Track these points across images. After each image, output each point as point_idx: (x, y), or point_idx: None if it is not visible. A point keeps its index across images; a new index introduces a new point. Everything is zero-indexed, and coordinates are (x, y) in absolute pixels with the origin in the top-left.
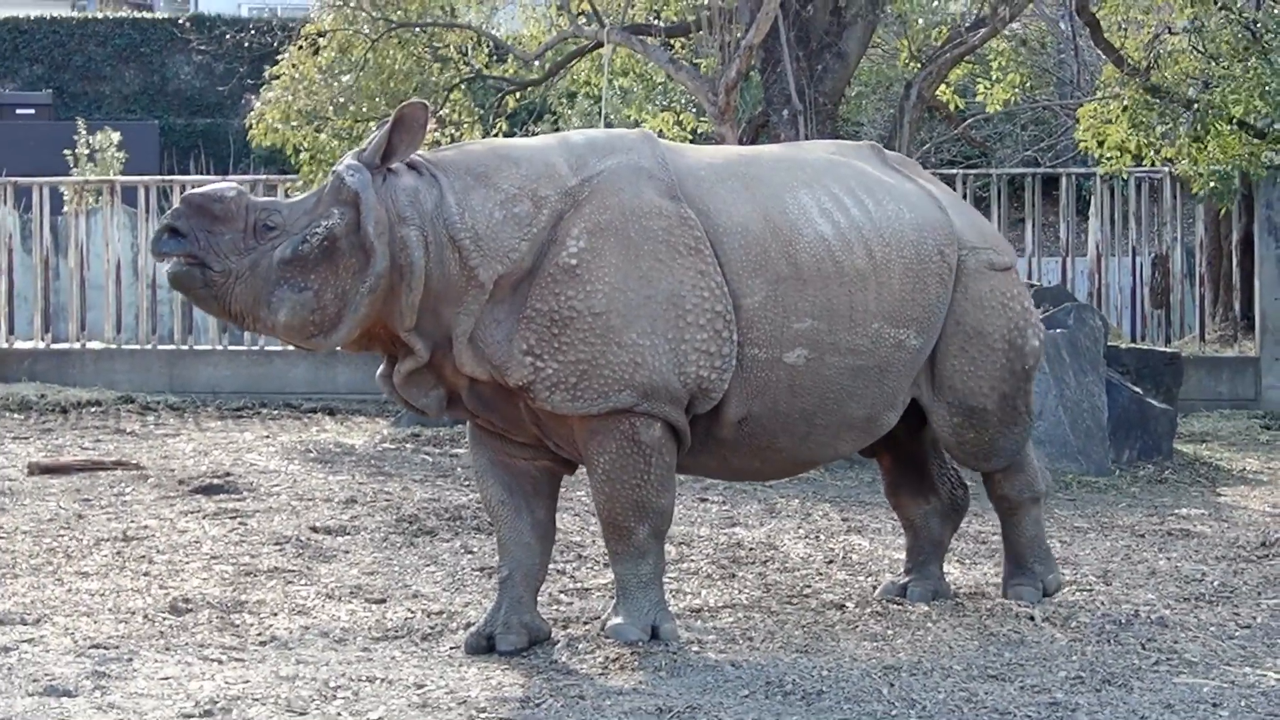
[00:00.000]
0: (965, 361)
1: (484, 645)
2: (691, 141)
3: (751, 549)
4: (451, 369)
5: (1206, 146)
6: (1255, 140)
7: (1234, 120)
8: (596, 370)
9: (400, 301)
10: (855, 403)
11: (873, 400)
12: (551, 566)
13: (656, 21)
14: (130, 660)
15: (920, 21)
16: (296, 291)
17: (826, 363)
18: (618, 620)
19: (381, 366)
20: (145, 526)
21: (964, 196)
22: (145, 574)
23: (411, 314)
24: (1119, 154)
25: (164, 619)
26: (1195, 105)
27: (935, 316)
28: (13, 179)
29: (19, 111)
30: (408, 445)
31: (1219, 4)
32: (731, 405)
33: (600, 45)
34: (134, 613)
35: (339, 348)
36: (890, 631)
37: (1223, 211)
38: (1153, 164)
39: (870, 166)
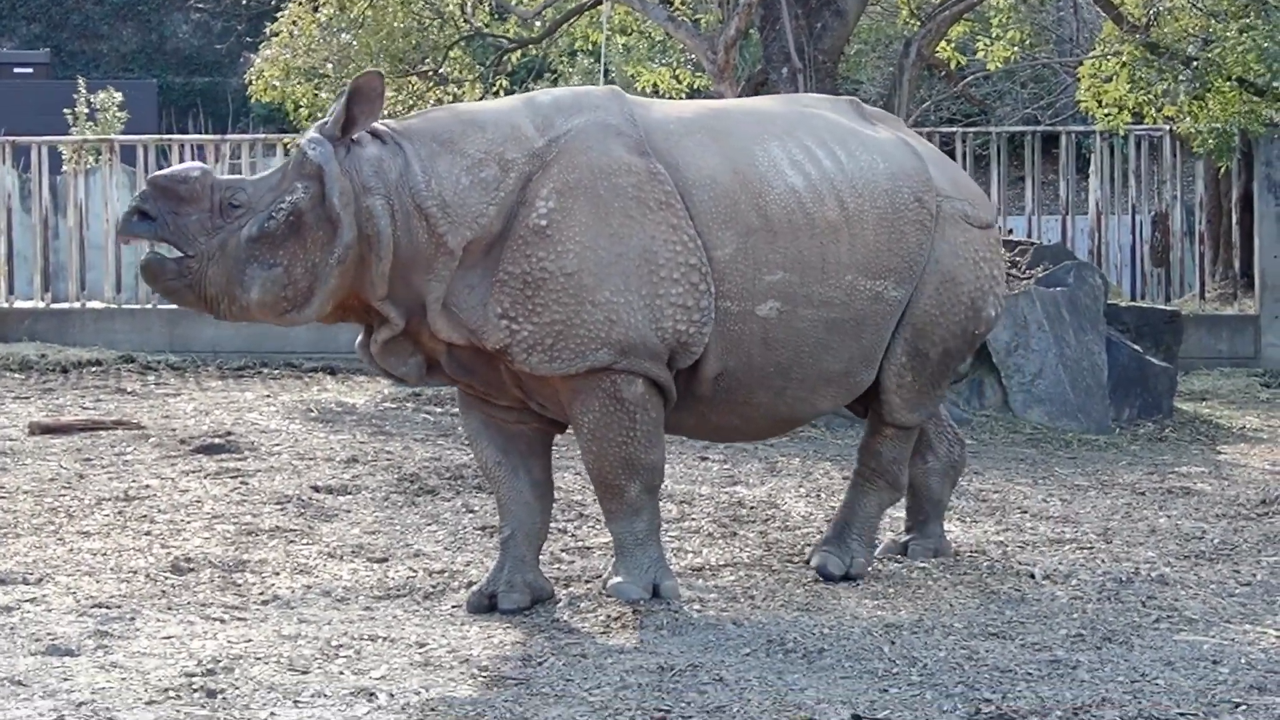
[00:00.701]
0: (934, 305)
1: (486, 604)
2: (690, 98)
3: (753, 507)
4: (428, 336)
5: (1206, 104)
6: (1255, 98)
7: (1233, 78)
8: (572, 330)
9: (371, 271)
10: (831, 357)
11: (849, 354)
12: (553, 525)
13: None
14: (133, 620)
15: None
16: (266, 269)
17: (799, 315)
18: (618, 579)
19: (360, 336)
20: (146, 486)
21: (963, 155)
22: (147, 533)
23: (383, 283)
24: (1118, 111)
25: (166, 578)
26: (1195, 63)
27: (915, 266)
28: (11, 138)
29: (16, 70)
30: (409, 404)
31: None
32: (709, 360)
33: (599, 3)
34: (136, 572)
35: (316, 321)
36: (891, 590)
37: (1222, 169)
38: (1153, 122)
39: (846, 119)
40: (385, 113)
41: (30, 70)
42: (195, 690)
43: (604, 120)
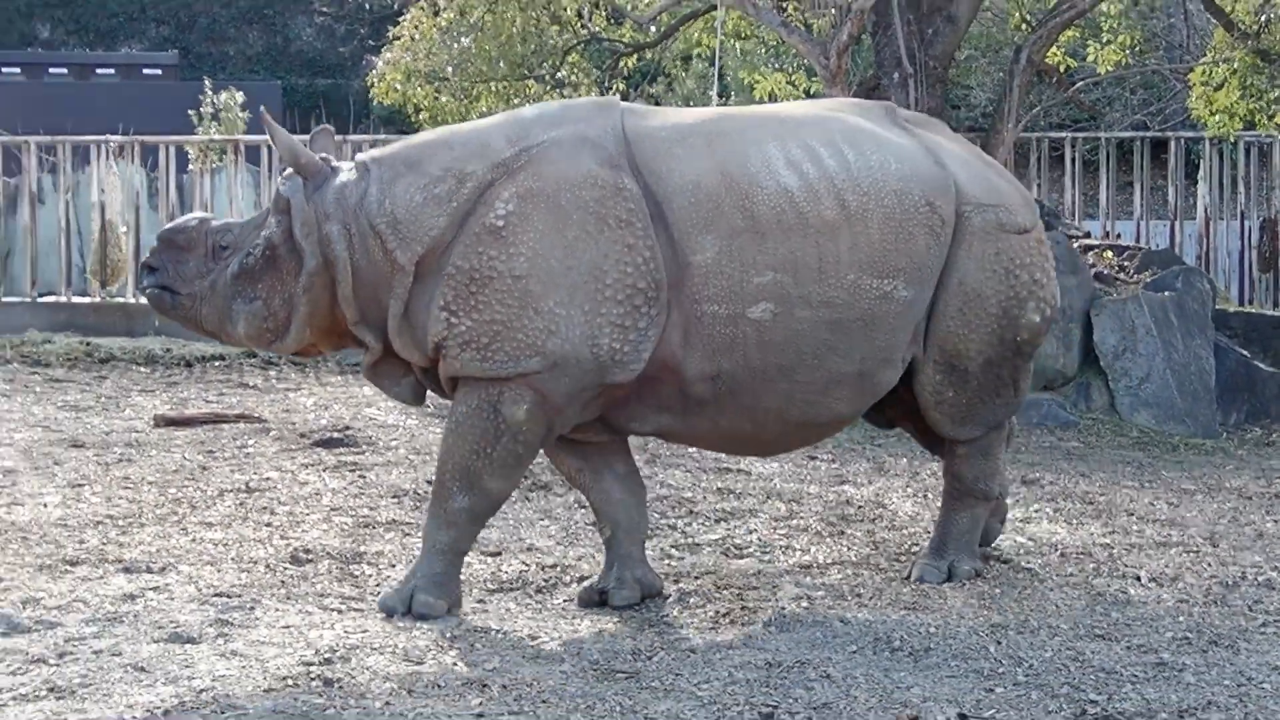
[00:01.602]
0: (960, 324)
1: (597, 600)
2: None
3: (860, 507)
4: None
5: None
6: None
7: None
8: (510, 332)
9: (339, 295)
10: (839, 357)
11: (862, 354)
12: (663, 521)
13: None
14: (252, 609)
15: None
16: (248, 303)
17: (796, 316)
18: (390, 587)
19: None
20: (267, 478)
21: (1072, 160)
22: (267, 525)
23: (349, 306)
24: (1229, 118)
25: (285, 569)
26: None
27: (926, 267)
28: (140, 138)
29: (146, 71)
30: None
31: None
32: (693, 363)
33: (713, 8)
34: (256, 562)
35: (301, 348)
36: (997, 590)
37: None
38: (1264, 129)
39: (869, 121)
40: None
41: (159, 72)
42: (313, 679)
43: (582, 133)
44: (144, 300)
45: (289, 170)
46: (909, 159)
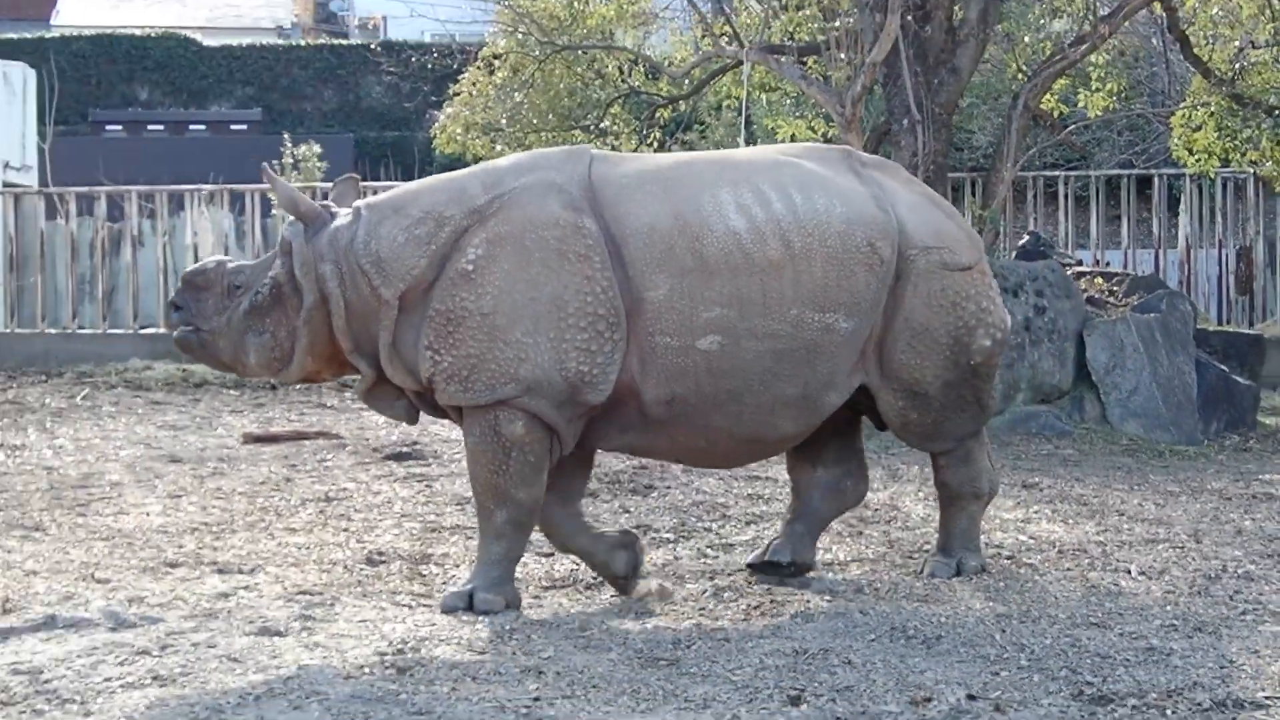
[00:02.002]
0: (912, 355)
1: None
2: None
3: (877, 509)
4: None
5: None
6: None
7: None
8: (485, 364)
9: (334, 327)
10: (784, 383)
11: (805, 380)
12: (699, 525)
13: (790, 42)
14: (332, 605)
15: (1026, 39)
16: (258, 335)
17: (743, 347)
18: (453, 589)
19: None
20: (344, 489)
21: (1065, 196)
22: (345, 530)
23: (345, 337)
24: (1206, 156)
25: (361, 569)
26: (1276, 112)
27: (866, 301)
28: (228, 186)
29: (233, 127)
30: None
31: None
32: (650, 388)
33: (740, 64)
34: (335, 564)
35: (305, 376)
36: (1002, 583)
37: None
38: (1239, 166)
39: (823, 167)
40: None
41: (245, 127)
42: (387, 667)
43: (550, 179)
44: None
45: (291, 218)
46: (854, 203)
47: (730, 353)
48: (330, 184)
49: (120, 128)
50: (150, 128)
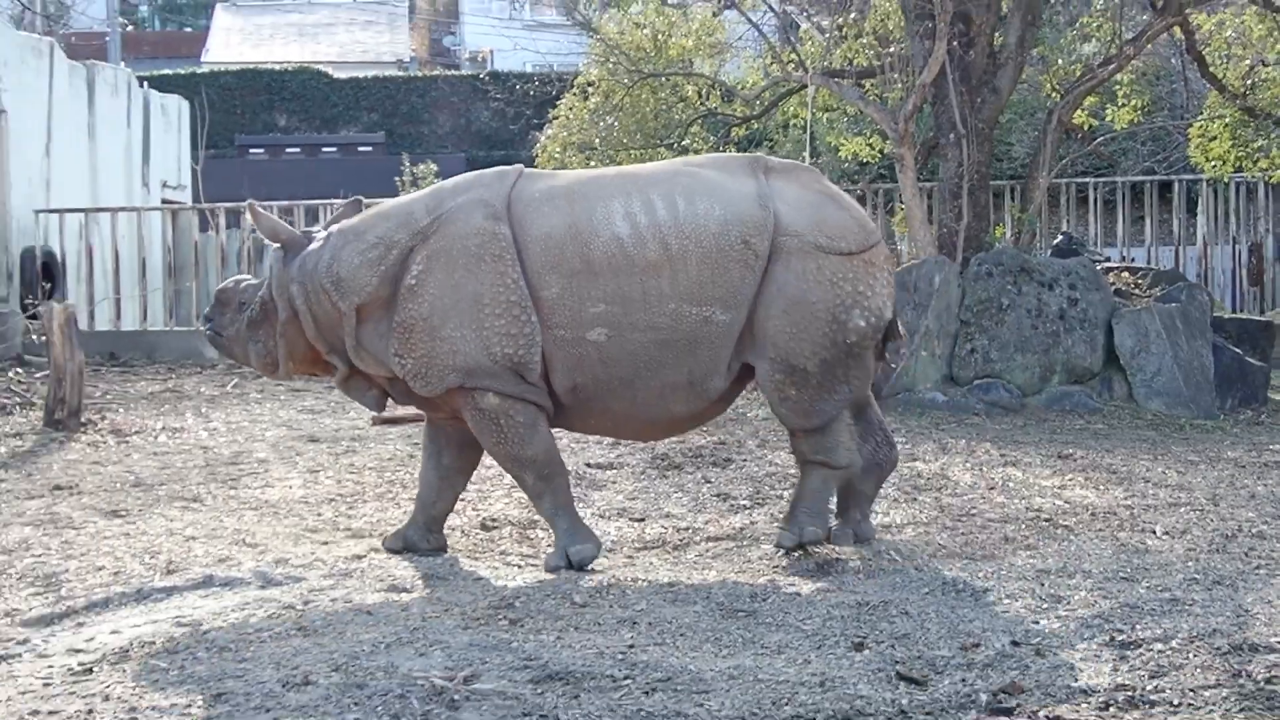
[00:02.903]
0: (787, 324)
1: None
2: (877, 161)
3: (928, 479)
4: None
5: None
6: None
7: None
8: (432, 361)
9: (307, 336)
10: (670, 370)
11: (689, 368)
12: (772, 493)
13: (849, 67)
14: (452, 564)
15: (1059, 61)
16: (255, 344)
17: (628, 339)
18: (548, 554)
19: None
20: None
21: (1094, 200)
22: (461, 499)
23: (319, 343)
24: (1221, 164)
25: (476, 533)
26: None
27: (741, 294)
28: (356, 199)
29: (360, 149)
30: None
31: None
32: (557, 376)
33: (805, 87)
34: (453, 529)
35: (293, 375)
36: (1040, 543)
37: None
38: (1250, 172)
39: (719, 173)
40: None
41: (370, 149)
42: (500, 619)
43: (479, 196)
44: None
45: (275, 245)
46: (734, 205)
47: (617, 344)
48: None
49: (262, 150)
50: (288, 150)
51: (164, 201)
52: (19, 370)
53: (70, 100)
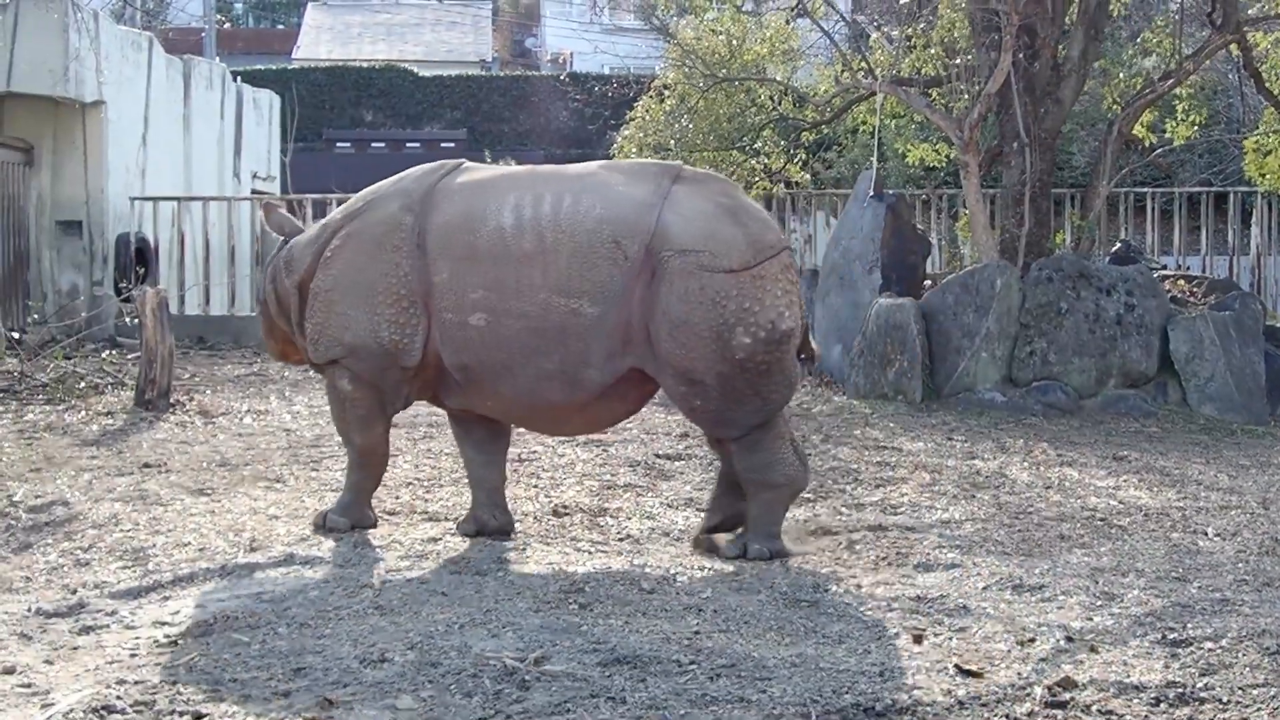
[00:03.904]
0: (675, 345)
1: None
2: (942, 167)
3: (987, 476)
4: None
5: None
6: None
7: None
8: (325, 331)
9: (272, 314)
10: (543, 358)
11: (561, 357)
12: (835, 487)
13: (917, 76)
14: (524, 549)
15: (1120, 74)
16: (263, 328)
17: (503, 324)
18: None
19: None
20: (534, 452)
21: (1152, 210)
22: (534, 486)
23: (281, 321)
24: (1276, 177)
25: (548, 519)
26: None
27: (611, 291)
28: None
29: (443, 144)
30: None
31: None
32: (448, 355)
33: (874, 94)
34: (526, 515)
35: (282, 357)
36: (1095, 542)
37: None
38: None
39: (623, 177)
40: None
41: (453, 144)
42: (570, 603)
43: (405, 187)
44: None
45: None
46: (617, 206)
47: (494, 329)
48: None
49: (349, 145)
50: (374, 145)
51: (254, 192)
52: (112, 351)
53: (167, 93)
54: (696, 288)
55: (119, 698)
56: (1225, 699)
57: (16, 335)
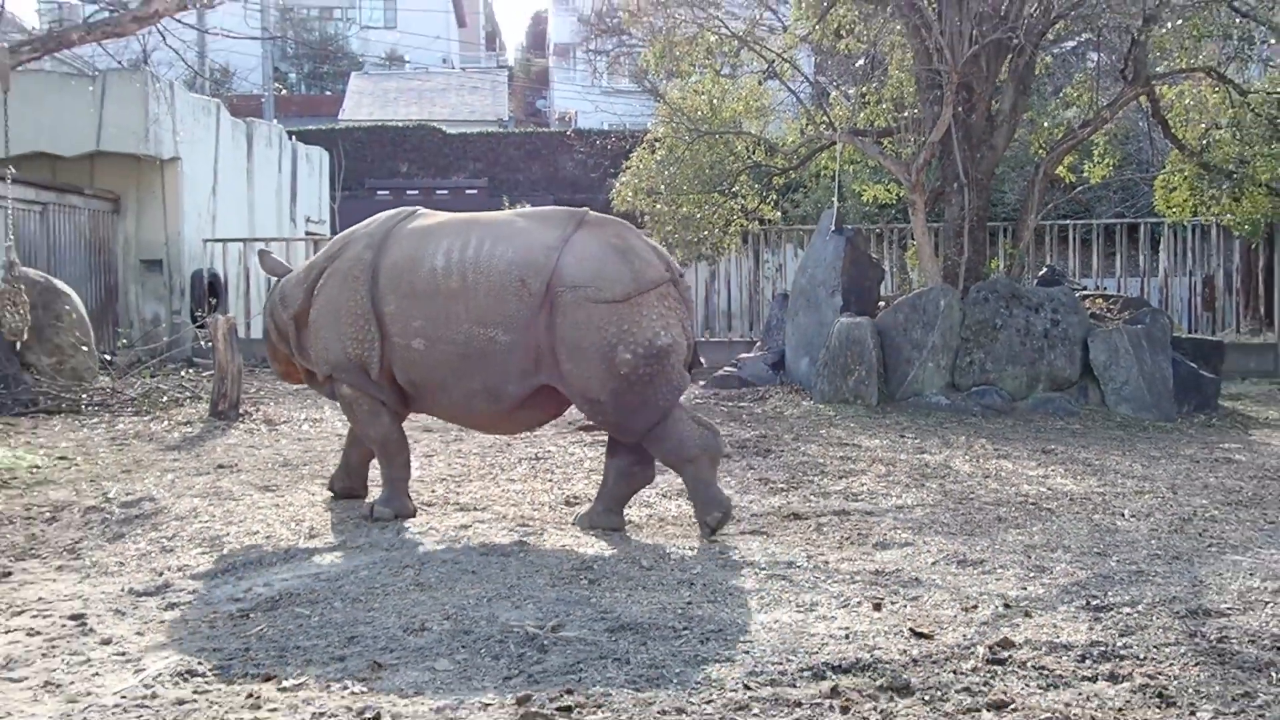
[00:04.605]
0: (573, 367)
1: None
2: (893, 205)
3: (935, 467)
4: None
5: (1241, 203)
6: (1276, 198)
7: (1261, 184)
8: (318, 354)
9: (274, 341)
10: (469, 378)
11: (483, 378)
12: (804, 478)
13: (871, 127)
14: (541, 534)
15: (1046, 123)
16: (268, 352)
17: (437, 349)
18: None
19: None
20: (549, 451)
21: (1073, 239)
22: (549, 480)
23: (283, 345)
24: (1181, 210)
25: (561, 508)
26: (1234, 176)
27: (518, 321)
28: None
29: (467, 191)
30: (711, 400)
31: (1250, 108)
32: (399, 373)
33: (834, 144)
34: (543, 504)
35: (286, 378)
36: (1028, 523)
37: (1253, 246)
38: (1205, 216)
39: (534, 224)
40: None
41: (475, 191)
42: (581, 579)
43: (370, 230)
44: None
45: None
46: (525, 250)
47: (430, 353)
48: None
49: (387, 192)
50: (409, 192)
51: (307, 233)
52: (189, 370)
53: (232, 150)
54: (584, 317)
55: (200, 663)
56: (1141, 655)
57: (109, 357)
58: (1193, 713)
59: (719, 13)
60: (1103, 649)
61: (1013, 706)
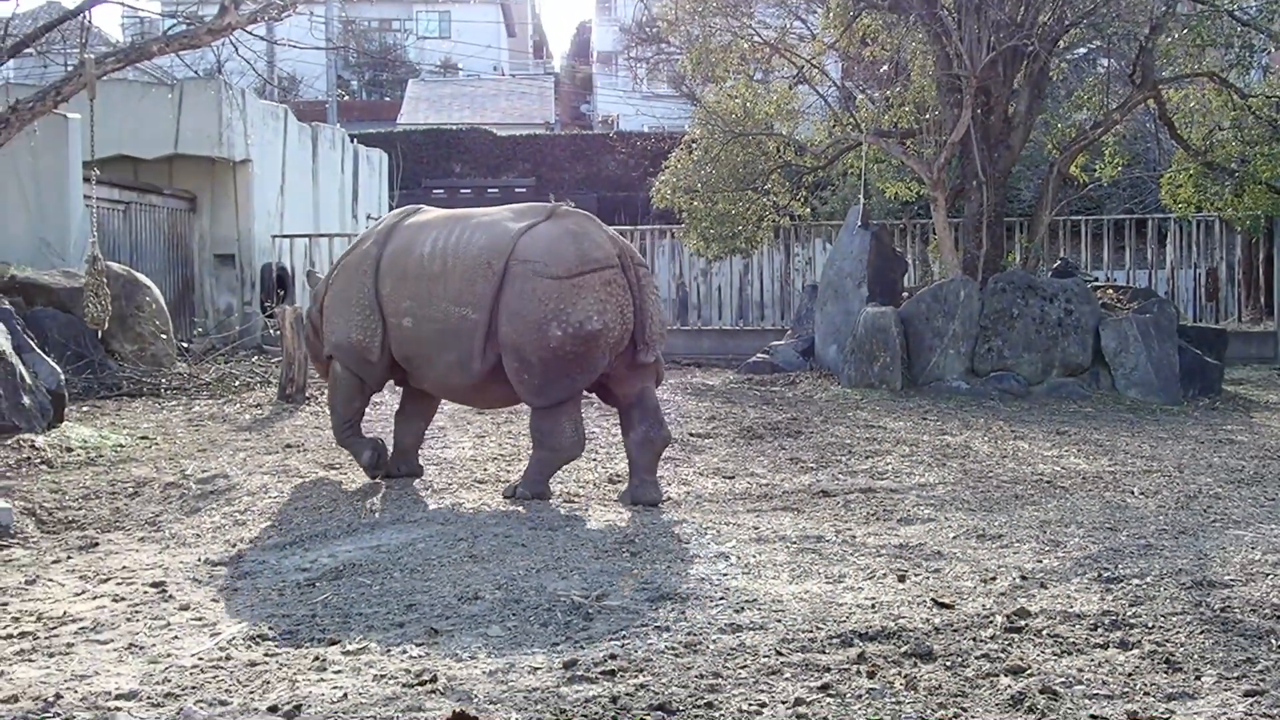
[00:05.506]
0: (511, 330)
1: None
2: (915, 201)
3: (955, 448)
4: None
5: (1243, 199)
6: (1276, 194)
7: (1261, 182)
8: (330, 335)
9: (310, 337)
10: (448, 352)
11: (457, 352)
12: (832, 458)
13: (895, 128)
14: (586, 509)
15: (1059, 125)
16: (310, 352)
17: (422, 327)
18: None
19: None
20: (593, 432)
21: (1085, 234)
22: (593, 459)
23: (316, 339)
24: (1186, 206)
25: (605, 485)
26: (1236, 174)
27: (484, 300)
28: None
29: (517, 190)
30: (745, 385)
31: (1251, 111)
32: (394, 348)
33: (860, 144)
34: (588, 482)
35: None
36: (1043, 499)
37: (1254, 240)
38: (1209, 211)
39: (511, 216)
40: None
41: (524, 189)
42: (624, 552)
43: (379, 226)
44: None
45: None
46: (494, 237)
47: (417, 329)
48: None
49: (442, 191)
50: (462, 190)
51: None
52: (259, 357)
53: (299, 152)
54: (529, 288)
55: (270, 628)
56: (1150, 624)
57: (186, 345)
58: (1198, 677)
59: (752, 22)
60: (1113, 618)
61: (1029, 671)
